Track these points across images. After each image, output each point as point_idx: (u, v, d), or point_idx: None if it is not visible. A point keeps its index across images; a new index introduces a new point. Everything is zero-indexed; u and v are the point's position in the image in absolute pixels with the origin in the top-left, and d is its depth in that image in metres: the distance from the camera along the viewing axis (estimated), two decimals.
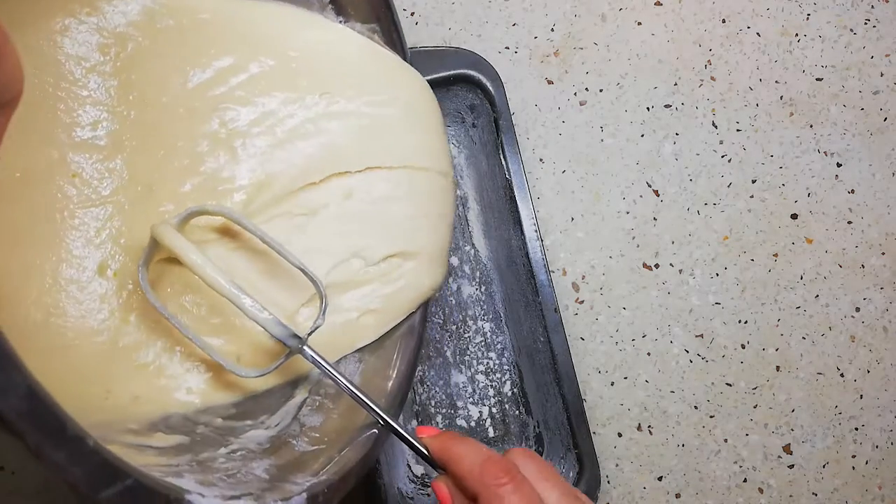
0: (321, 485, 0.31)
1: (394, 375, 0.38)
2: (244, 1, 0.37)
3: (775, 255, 0.52)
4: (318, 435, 0.35)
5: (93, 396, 0.32)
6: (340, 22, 0.39)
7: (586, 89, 0.52)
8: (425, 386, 0.48)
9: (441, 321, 0.49)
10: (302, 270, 0.34)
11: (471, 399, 0.48)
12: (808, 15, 0.54)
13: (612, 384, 0.50)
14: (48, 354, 0.32)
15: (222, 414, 0.35)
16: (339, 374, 0.33)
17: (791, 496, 0.50)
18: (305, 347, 0.33)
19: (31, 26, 0.33)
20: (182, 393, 0.34)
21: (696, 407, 0.50)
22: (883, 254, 0.52)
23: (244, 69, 0.36)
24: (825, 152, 0.53)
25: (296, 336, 0.33)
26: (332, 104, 0.37)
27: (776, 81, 0.53)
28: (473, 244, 0.50)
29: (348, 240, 0.37)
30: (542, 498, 0.30)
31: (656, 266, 0.51)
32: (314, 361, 0.33)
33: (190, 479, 0.27)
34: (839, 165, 0.52)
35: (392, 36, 0.39)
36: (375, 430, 0.35)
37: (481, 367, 0.49)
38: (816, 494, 0.50)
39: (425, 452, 0.32)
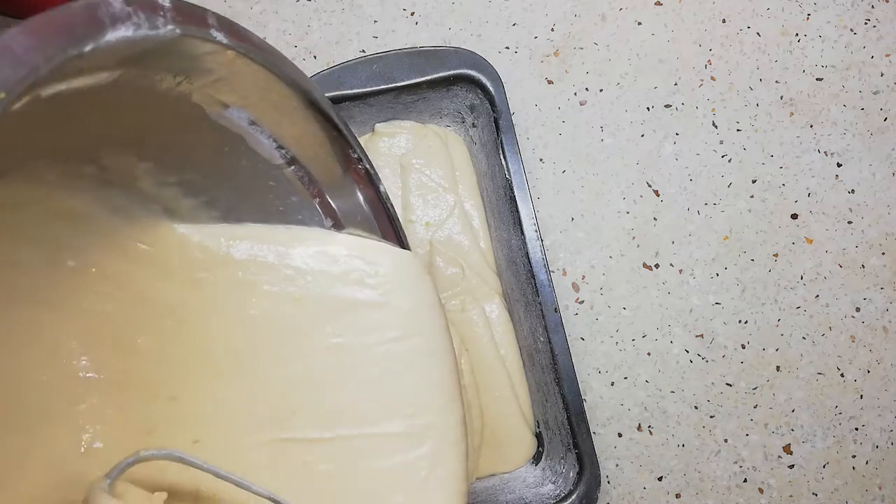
0: None
1: None
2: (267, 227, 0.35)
3: (775, 255, 0.52)
4: None
5: None
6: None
7: (586, 89, 0.52)
8: None
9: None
10: (271, 500, 0.31)
11: None
12: (809, 15, 0.54)
13: (612, 384, 0.50)
14: None
15: None
16: None
17: (791, 496, 0.50)
18: None
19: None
20: None
21: (696, 407, 0.50)
22: (883, 254, 0.52)
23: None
24: (825, 152, 0.53)
25: None
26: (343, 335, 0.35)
27: (776, 81, 0.53)
28: None
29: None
30: None
31: (656, 266, 0.51)
32: None
33: None
34: (839, 165, 0.52)
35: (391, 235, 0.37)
36: None
37: None
38: (816, 494, 0.50)
39: None
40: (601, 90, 0.52)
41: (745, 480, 0.50)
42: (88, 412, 0.32)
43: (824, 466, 0.50)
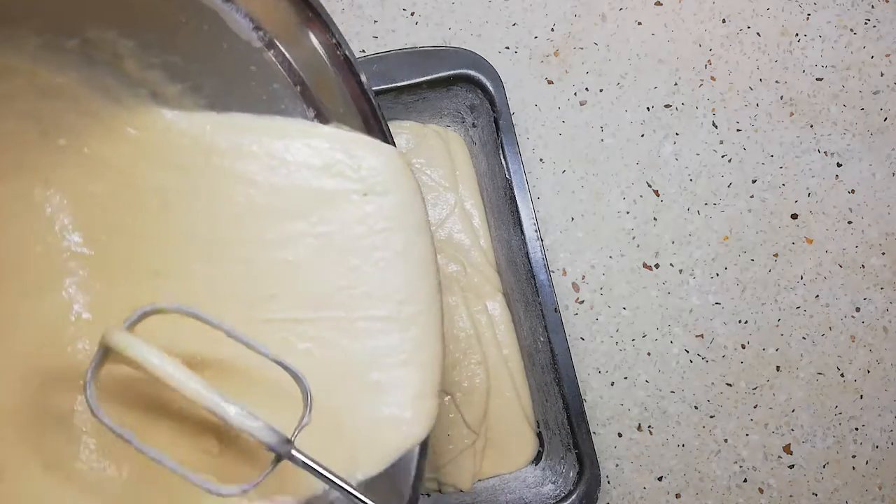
0: None
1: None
2: (252, 118, 0.36)
3: (775, 255, 0.52)
4: None
5: None
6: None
7: (586, 89, 0.52)
8: None
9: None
10: (280, 364, 0.31)
11: None
12: (809, 15, 0.54)
13: (612, 384, 0.50)
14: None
15: None
16: (336, 476, 0.30)
17: (791, 496, 0.50)
18: (294, 452, 0.30)
19: None
20: None
21: (696, 407, 0.50)
22: (883, 254, 0.52)
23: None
24: (825, 152, 0.53)
25: (287, 441, 0.30)
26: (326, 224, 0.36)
27: (776, 81, 0.53)
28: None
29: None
30: None
31: (656, 266, 0.51)
32: (305, 466, 0.30)
33: None
34: (839, 165, 0.52)
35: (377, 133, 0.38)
36: None
37: None
38: (816, 494, 0.50)
39: None
40: (601, 90, 0.52)
41: (745, 480, 0.50)
42: (78, 284, 0.34)
43: (824, 466, 0.50)
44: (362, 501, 0.30)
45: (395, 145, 0.37)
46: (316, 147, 0.36)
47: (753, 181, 0.52)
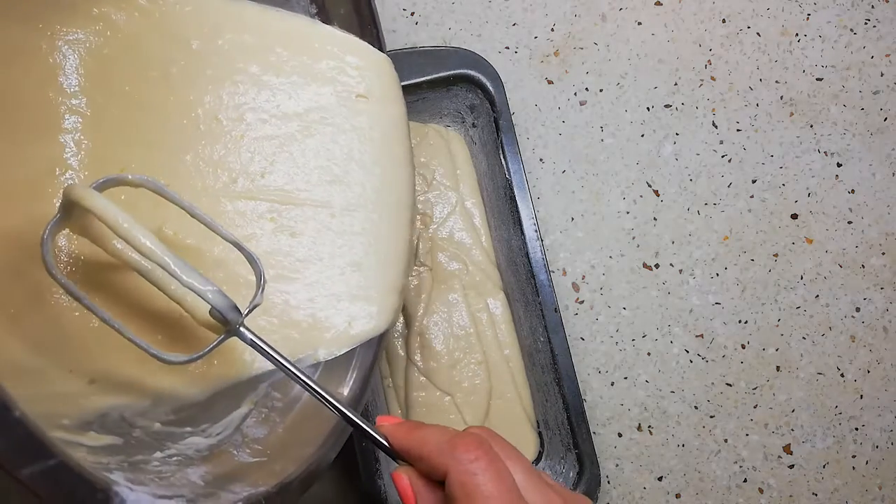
0: (258, 495, 0.29)
1: (350, 382, 0.36)
2: (251, 5, 0.38)
3: (775, 255, 0.52)
4: (260, 447, 0.34)
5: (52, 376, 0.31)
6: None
7: (586, 89, 0.52)
8: None
9: None
10: (236, 245, 0.31)
11: None
12: (808, 15, 0.54)
13: (612, 384, 0.50)
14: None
15: (161, 419, 0.33)
16: (280, 355, 0.30)
17: (791, 496, 0.50)
18: (242, 328, 0.30)
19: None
20: (125, 390, 0.32)
21: (696, 407, 0.50)
22: (883, 254, 0.52)
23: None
24: (825, 152, 0.53)
25: (237, 310, 0.30)
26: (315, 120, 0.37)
27: (776, 81, 0.53)
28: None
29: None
30: None
31: (656, 266, 0.51)
32: (252, 344, 0.30)
33: (119, 476, 0.25)
34: (839, 165, 0.52)
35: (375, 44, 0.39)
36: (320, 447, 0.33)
37: None
38: (816, 494, 0.50)
39: (385, 444, 0.29)
40: (601, 90, 0.52)
41: (745, 480, 0.50)
42: (72, 141, 0.34)
43: (824, 466, 0.50)
44: (303, 381, 0.30)
45: (385, 54, 0.39)
46: (315, 44, 0.37)
47: (753, 181, 0.52)
